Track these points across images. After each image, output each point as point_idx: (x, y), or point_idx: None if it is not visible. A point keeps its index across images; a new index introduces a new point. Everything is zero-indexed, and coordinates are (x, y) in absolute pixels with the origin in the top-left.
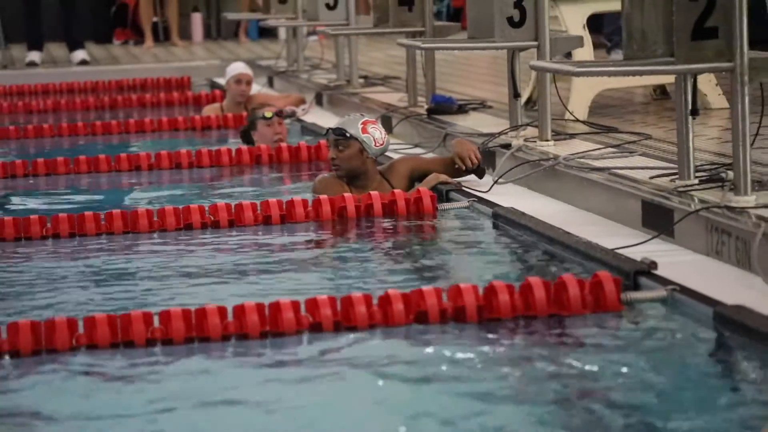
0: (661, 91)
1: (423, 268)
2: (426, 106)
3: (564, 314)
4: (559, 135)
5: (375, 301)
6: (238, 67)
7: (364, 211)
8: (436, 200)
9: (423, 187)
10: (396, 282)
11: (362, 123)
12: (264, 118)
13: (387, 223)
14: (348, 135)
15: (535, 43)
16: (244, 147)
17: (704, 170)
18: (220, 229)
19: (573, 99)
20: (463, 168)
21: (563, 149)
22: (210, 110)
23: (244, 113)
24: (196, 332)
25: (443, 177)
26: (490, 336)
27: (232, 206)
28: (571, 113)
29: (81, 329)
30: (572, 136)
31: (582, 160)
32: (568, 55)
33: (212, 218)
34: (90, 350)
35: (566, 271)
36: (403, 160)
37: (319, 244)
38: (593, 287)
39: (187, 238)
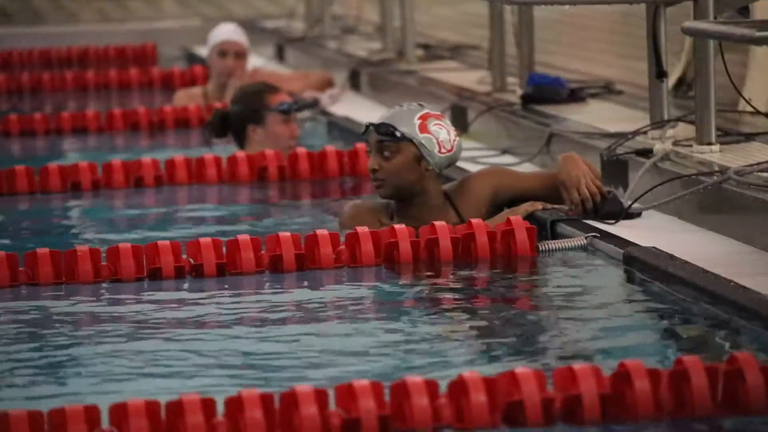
0: None
1: (515, 339)
2: (520, 92)
3: (740, 416)
4: (729, 136)
5: (443, 391)
6: (222, 33)
7: (424, 252)
8: (536, 235)
9: (514, 216)
10: (474, 361)
11: (420, 117)
12: (282, 111)
13: (460, 271)
14: (399, 134)
15: None
16: (242, 154)
17: None
18: (205, 279)
19: (751, 80)
20: (573, 208)
21: (735, 158)
22: (186, 97)
23: None
24: None
25: (542, 206)
26: None
27: (223, 244)
28: (747, 102)
29: None
30: (749, 137)
31: (765, 174)
32: (744, 10)
33: (192, 261)
34: None
35: (741, 348)
36: (480, 177)
37: (357, 302)
38: None
39: (153, 292)
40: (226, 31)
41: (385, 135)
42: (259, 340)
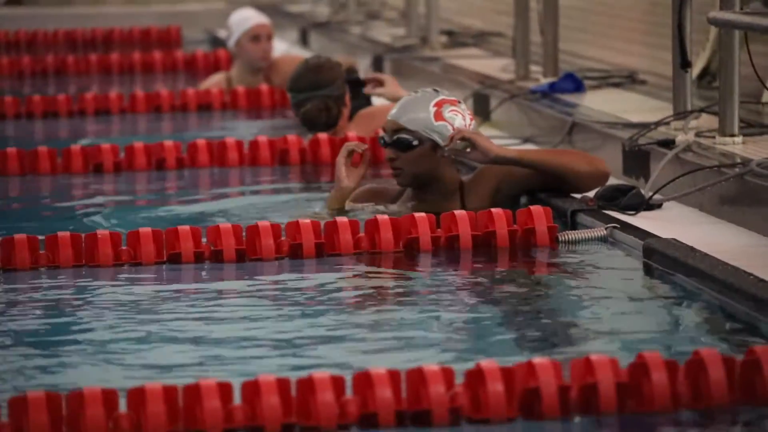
0: None
1: (533, 331)
2: (545, 82)
3: (756, 406)
4: (752, 128)
5: (459, 381)
6: (250, 17)
7: (444, 243)
8: (555, 228)
9: (535, 207)
10: (492, 351)
11: (436, 104)
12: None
13: (479, 262)
14: (412, 130)
15: None
16: (264, 139)
17: None
18: (224, 264)
19: None
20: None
21: (758, 150)
22: (214, 82)
23: (264, 86)
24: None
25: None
26: None
27: (243, 229)
28: None
29: None
30: None
31: None
32: None
33: (212, 247)
34: None
35: (760, 341)
36: (489, 169)
37: (376, 291)
38: None
39: (173, 277)
40: (254, 16)
41: (399, 131)
42: (276, 326)
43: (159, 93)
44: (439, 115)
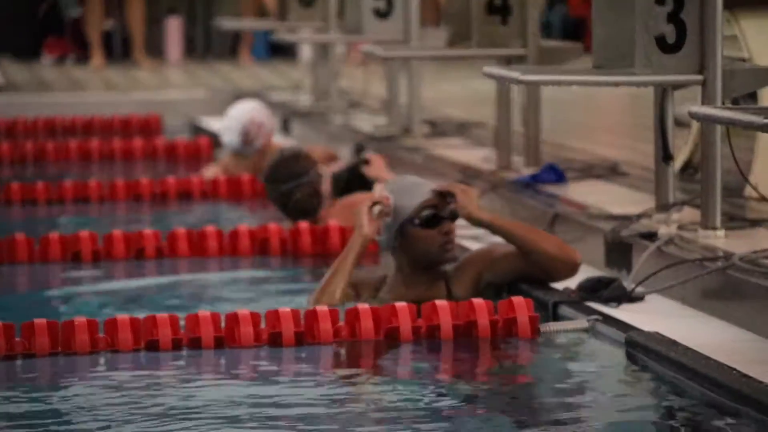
0: None
1: (514, 424)
2: (527, 173)
3: None
4: (734, 221)
5: None
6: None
7: (425, 333)
8: (537, 319)
9: (517, 298)
10: None
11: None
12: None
13: (459, 353)
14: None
15: (700, 77)
16: (244, 228)
17: None
18: (202, 352)
19: (757, 166)
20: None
21: (740, 243)
22: (215, 170)
23: (246, 174)
24: None
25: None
26: None
27: (222, 317)
28: (753, 188)
29: None
30: (755, 223)
31: None
32: (752, 96)
33: (190, 336)
34: None
35: None
36: (472, 259)
37: (355, 381)
38: None
39: (149, 365)
40: (264, 108)
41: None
42: (254, 415)
43: (139, 181)
44: None
